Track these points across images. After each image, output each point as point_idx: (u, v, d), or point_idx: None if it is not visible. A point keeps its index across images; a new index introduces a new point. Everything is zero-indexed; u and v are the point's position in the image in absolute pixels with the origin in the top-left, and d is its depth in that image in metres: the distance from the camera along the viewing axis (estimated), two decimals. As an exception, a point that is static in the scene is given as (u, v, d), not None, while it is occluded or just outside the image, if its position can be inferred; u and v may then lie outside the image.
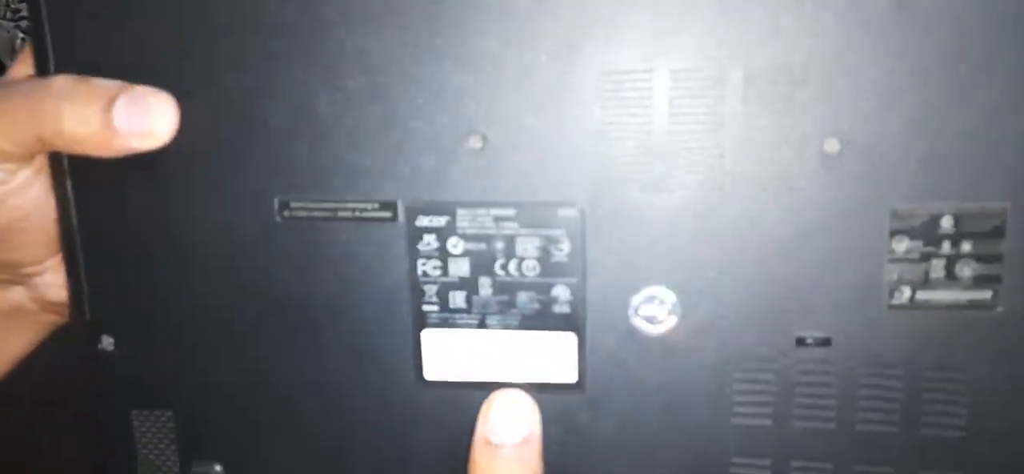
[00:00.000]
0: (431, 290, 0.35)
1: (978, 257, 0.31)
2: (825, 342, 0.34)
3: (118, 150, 0.33)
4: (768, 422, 0.35)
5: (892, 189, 0.33)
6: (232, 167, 0.34)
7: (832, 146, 0.33)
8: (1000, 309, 0.33)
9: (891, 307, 0.34)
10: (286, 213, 0.35)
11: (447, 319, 0.35)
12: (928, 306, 0.33)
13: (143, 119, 0.33)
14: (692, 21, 0.33)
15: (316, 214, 0.34)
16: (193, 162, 0.34)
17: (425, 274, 0.35)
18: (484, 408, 0.36)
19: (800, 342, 0.33)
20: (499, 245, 0.34)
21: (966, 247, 0.33)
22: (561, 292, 0.34)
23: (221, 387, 0.36)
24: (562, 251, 0.35)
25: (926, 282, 0.33)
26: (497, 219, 0.35)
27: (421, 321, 0.35)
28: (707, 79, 0.33)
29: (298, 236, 0.35)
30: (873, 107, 0.32)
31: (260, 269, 0.35)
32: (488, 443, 0.35)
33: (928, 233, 0.33)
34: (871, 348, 0.34)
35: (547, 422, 0.35)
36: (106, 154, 0.33)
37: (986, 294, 0.31)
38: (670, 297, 0.35)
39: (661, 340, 0.34)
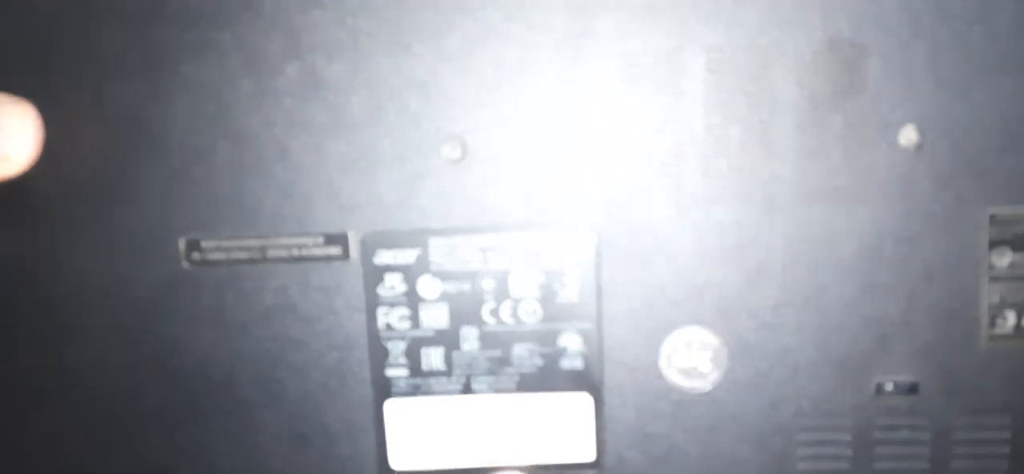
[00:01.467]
0: (397, 348, 0.26)
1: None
2: (911, 388, 0.27)
3: None
4: (844, 495, 0.28)
5: (988, 188, 0.26)
6: (121, 199, 0.27)
7: (909, 137, 0.26)
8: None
9: (993, 338, 0.27)
10: (195, 256, 0.28)
11: (419, 386, 0.27)
12: (1038, 335, 0.26)
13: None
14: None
15: (236, 256, 0.27)
16: (67, 194, 0.27)
17: (388, 327, 0.26)
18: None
19: (880, 390, 0.26)
20: (487, 284, 0.25)
21: (1081, 258, 0.26)
22: (571, 342, 0.26)
23: None
24: (571, 288, 0.26)
25: (1034, 304, 0.26)
26: (484, 250, 0.27)
27: (384, 390, 0.28)
28: (752, 60, 0.25)
29: (213, 286, 0.28)
30: (958, 86, 0.25)
31: (164, 332, 0.28)
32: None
33: (1035, 242, 0.26)
34: (969, 392, 0.27)
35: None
36: None
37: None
38: (713, 342, 0.27)
39: (703, 399, 0.28)
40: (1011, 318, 0.27)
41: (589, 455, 0.28)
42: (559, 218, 0.27)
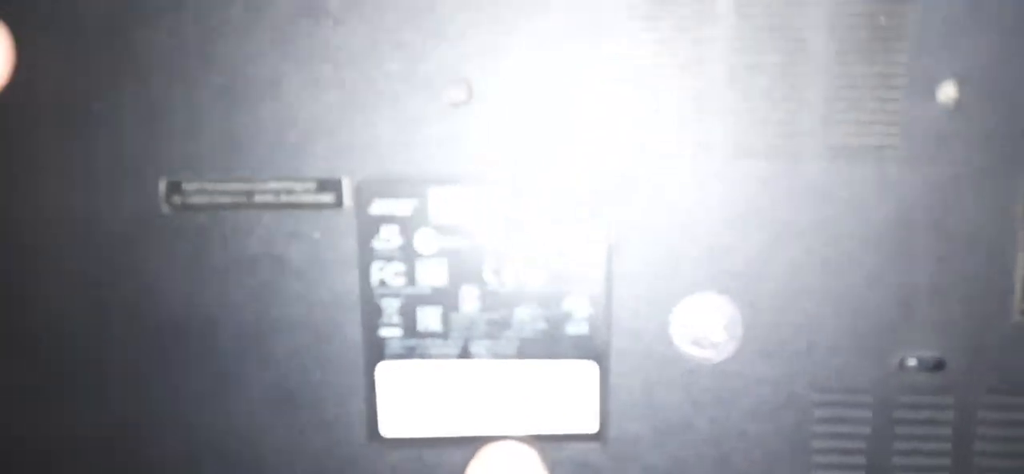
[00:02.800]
0: (391, 306, 0.25)
1: None
2: (937, 365, 0.25)
3: None
4: (862, 472, 0.26)
5: (1028, 151, 0.24)
6: (99, 135, 0.25)
7: (948, 93, 0.24)
8: None
9: (1024, 314, 0.25)
10: (176, 199, 0.26)
11: (414, 348, 0.25)
12: (1073, 311, 0.25)
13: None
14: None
15: (220, 200, 0.25)
16: (39, 127, 0.25)
17: (383, 284, 0.24)
18: (473, 468, 0.25)
19: (903, 365, 0.24)
20: (489, 241, 0.23)
21: (1121, 230, 0.25)
22: (576, 306, 0.24)
23: (91, 447, 0.27)
24: (578, 248, 0.25)
25: (1070, 279, 0.25)
26: (487, 203, 0.25)
27: (377, 351, 0.26)
28: (781, 8, 0.24)
29: (195, 233, 0.26)
30: (1002, 42, 0.23)
31: (142, 281, 0.26)
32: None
33: (1074, 212, 0.24)
34: (997, 370, 0.26)
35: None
36: None
37: None
38: (727, 309, 0.25)
39: (715, 370, 0.26)
40: (1045, 293, 0.25)
41: (592, 426, 0.27)
42: (568, 170, 0.25)
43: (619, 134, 0.25)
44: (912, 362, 0.26)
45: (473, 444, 0.27)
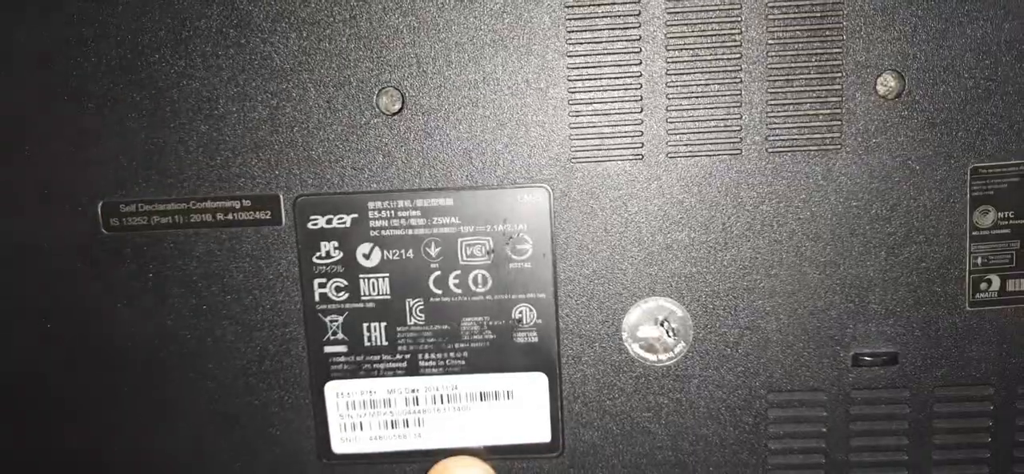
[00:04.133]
0: (335, 323, 0.24)
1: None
2: (891, 359, 0.25)
3: None
4: (820, 472, 0.25)
5: (971, 141, 0.24)
6: (34, 158, 0.25)
7: (888, 84, 0.24)
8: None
9: (975, 304, 0.25)
10: (114, 222, 0.25)
11: (361, 364, 0.24)
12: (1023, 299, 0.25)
13: None
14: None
15: (158, 221, 0.23)
16: None
17: (325, 300, 0.23)
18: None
19: (858, 361, 0.24)
20: (433, 250, 0.23)
21: (1069, 215, 0.24)
22: (525, 314, 0.24)
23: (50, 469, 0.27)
24: (523, 255, 0.24)
25: (1019, 265, 0.24)
26: (427, 213, 0.25)
27: (323, 369, 0.26)
28: (715, 3, 0.23)
29: (133, 254, 0.26)
30: (940, 28, 0.23)
31: (82, 306, 0.26)
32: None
33: (1020, 199, 0.24)
34: (951, 361, 0.25)
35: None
36: None
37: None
38: (678, 312, 0.25)
39: (667, 373, 0.26)
40: (995, 282, 0.25)
41: (545, 436, 0.26)
42: (509, 175, 0.25)
43: (557, 138, 0.25)
44: (866, 357, 0.25)
45: (427, 458, 0.26)
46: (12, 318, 0.26)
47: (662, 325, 0.25)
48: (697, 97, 0.24)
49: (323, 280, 0.25)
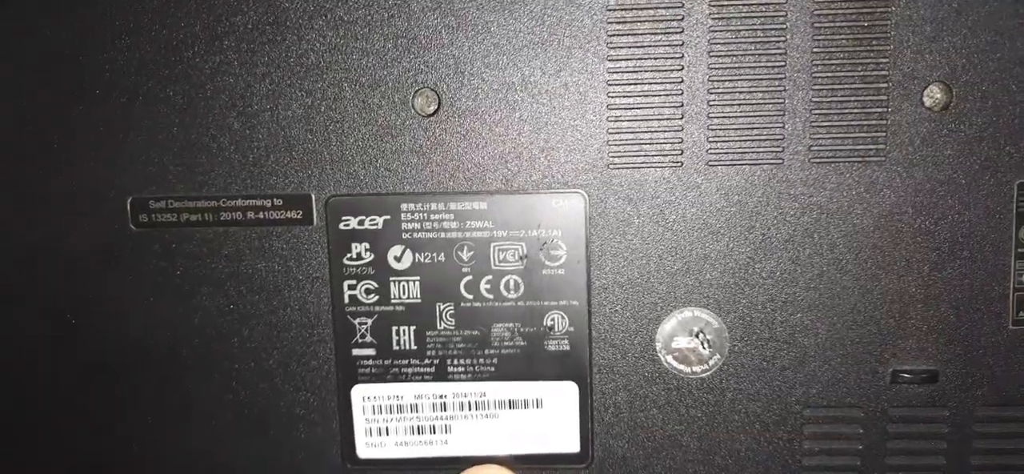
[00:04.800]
0: (364, 325, 0.23)
1: None
2: (930, 377, 0.24)
3: None
4: (855, 493, 0.25)
5: (1020, 156, 0.23)
6: (65, 154, 0.25)
7: (935, 96, 0.23)
8: None
9: (1018, 322, 0.24)
10: (143, 218, 0.25)
11: (389, 368, 0.24)
12: (1070, 319, 0.24)
13: None
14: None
15: (188, 218, 0.23)
16: (5, 149, 0.24)
17: (355, 301, 0.23)
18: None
19: (897, 378, 0.23)
20: (465, 254, 0.22)
21: (1117, 234, 0.24)
22: (557, 321, 0.23)
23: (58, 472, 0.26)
24: (557, 261, 0.23)
25: (1066, 285, 0.24)
26: (460, 216, 0.24)
27: (351, 372, 0.25)
28: (760, 10, 0.23)
29: (162, 251, 0.25)
30: (989, 41, 0.23)
31: (107, 300, 0.25)
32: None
33: (1068, 216, 0.24)
34: (992, 381, 0.25)
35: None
36: None
37: None
38: (714, 324, 0.24)
39: (701, 385, 0.25)
40: (1040, 300, 0.24)
41: (574, 446, 0.26)
42: (545, 180, 0.24)
43: (595, 143, 0.24)
44: (905, 374, 0.25)
45: (453, 465, 0.26)
46: (37, 315, 0.25)
47: (697, 337, 0.25)
48: (739, 105, 0.24)
49: (353, 282, 0.25)
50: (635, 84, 0.24)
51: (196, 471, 0.26)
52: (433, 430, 0.26)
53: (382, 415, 0.26)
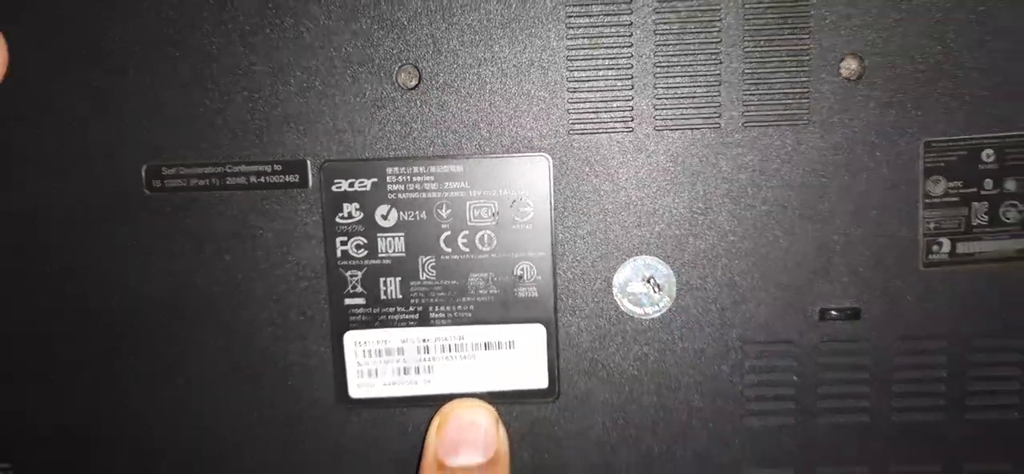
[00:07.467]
0: (355, 277, 0.26)
1: None
2: (854, 313, 0.28)
3: None
4: (789, 419, 0.28)
5: (924, 118, 0.27)
6: (80, 123, 0.27)
7: (851, 68, 0.27)
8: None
9: (928, 264, 0.28)
10: (156, 183, 0.27)
11: (377, 315, 0.27)
12: (971, 260, 0.27)
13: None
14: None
15: (197, 182, 0.26)
16: (23, 117, 0.27)
17: (346, 256, 0.26)
18: (435, 423, 0.27)
19: (824, 315, 0.26)
20: (444, 212, 0.26)
21: (1011, 186, 0.27)
22: (526, 271, 0.26)
23: (71, 424, 0.29)
24: (525, 217, 0.27)
25: (967, 230, 0.27)
26: (440, 178, 0.27)
27: (343, 320, 0.28)
28: (698, -9, 0.26)
29: (173, 213, 0.28)
30: (897, 18, 0.26)
31: (122, 260, 0.28)
32: (442, 466, 0.26)
33: (967, 170, 0.27)
34: (908, 318, 0.28)
35: (515, 439, 0.29)
36: None
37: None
38: (663, 270, 0.28)
39: (654, 326, 0.28)
40: (946, 245, 0.28)
41: (543, 382, 0.29)
42: (513, 145, 0.28)
43: (557, 112, 0.27)
44: (831, 312, 0.28)
45: (436, 402, 0.29)
46: (59, 276, 0.28)
47: (648, 282, 0.28)
48: (682, 77, 0.27)
49: (345, 238, 0.28)
50: (591, 59, 0.27)
51: (195, 418, 0.29)
52: (417, 371, 0.29)
53: (371, 358, 0.29)
